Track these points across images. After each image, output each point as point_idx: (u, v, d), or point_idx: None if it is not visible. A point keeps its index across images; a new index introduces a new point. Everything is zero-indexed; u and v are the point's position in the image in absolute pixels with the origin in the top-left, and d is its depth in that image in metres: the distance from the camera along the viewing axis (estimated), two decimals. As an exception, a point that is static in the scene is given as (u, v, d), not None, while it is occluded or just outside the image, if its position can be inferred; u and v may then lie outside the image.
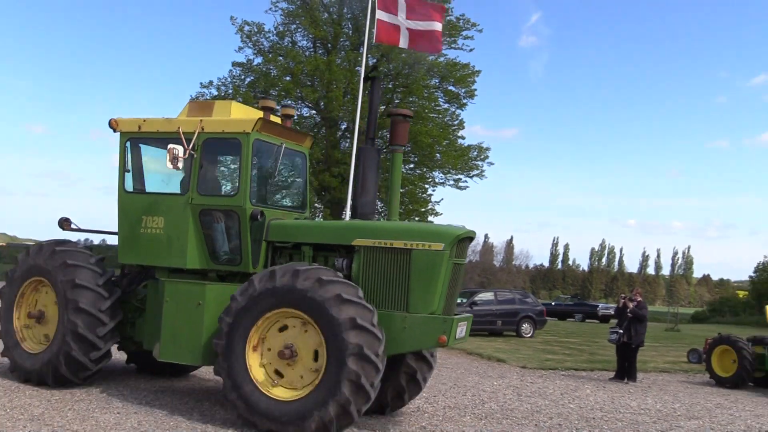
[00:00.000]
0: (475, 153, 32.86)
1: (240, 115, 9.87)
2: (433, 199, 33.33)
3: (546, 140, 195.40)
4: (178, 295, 9.06)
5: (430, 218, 31.92)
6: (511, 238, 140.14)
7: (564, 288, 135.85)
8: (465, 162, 32.42)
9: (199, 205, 9.47)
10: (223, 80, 31.63)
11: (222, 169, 11.27)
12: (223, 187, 10.87)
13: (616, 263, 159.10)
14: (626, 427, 10.48)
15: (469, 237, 9.08)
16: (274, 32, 31.90)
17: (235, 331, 8.29)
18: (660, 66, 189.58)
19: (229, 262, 9.54)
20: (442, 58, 31.00)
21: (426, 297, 8.45)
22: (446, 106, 33.25)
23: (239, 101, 29.66)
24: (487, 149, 32.96)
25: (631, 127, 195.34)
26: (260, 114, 9.83)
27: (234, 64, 31.87)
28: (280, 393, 8.21)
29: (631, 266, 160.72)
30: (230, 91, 30.83)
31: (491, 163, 32.98)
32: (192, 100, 11.13)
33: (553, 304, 52.53)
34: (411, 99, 30.84)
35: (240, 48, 32.08)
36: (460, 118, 33.02)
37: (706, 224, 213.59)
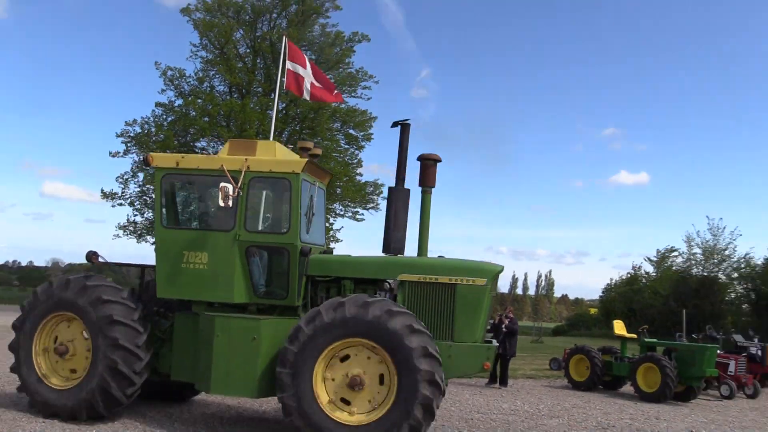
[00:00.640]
0: (371, 189, 33.44)
1: (284, 155, 9.36)
2: (334, 227, 33.75)
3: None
4: (231, 330, 8.28)
5: (331, 245, 32.13)
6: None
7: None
8: (362, 196, 32.93)
9: (247, 241, 8.73)
10: (146, 119, 30.97)
11: (264, 206, 10.34)
12: (267, 224, 10.09)
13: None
14: (499, 426, 10.66)
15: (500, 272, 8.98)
16: (195, 77, 31.62)
17: (301, 361, 7.78)
18: (528, 119, 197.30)
19: (272, 296, 8.86)
20: (343, 105, 31.68)
21: (471, 327, 8.32)
22: (347, 146, 33.77)
23: (161, 138, 29.21)
24: (382, 185, 33.62)
25: (503, 168, 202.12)
26: (296, 155, 9.51)
27: (157, 104, 31.29)
28: (351, 419, 7.76)
29: (503, 287, 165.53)
30: (153, 129, 30.19)
31: (385, 198, 33.48)
32: (231, 139, 10.51)
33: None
34: (316, 140, 31.13)
35: (163, 90, 31.61)
36: (358, 157, 33.61)
37: (565, 252, 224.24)
